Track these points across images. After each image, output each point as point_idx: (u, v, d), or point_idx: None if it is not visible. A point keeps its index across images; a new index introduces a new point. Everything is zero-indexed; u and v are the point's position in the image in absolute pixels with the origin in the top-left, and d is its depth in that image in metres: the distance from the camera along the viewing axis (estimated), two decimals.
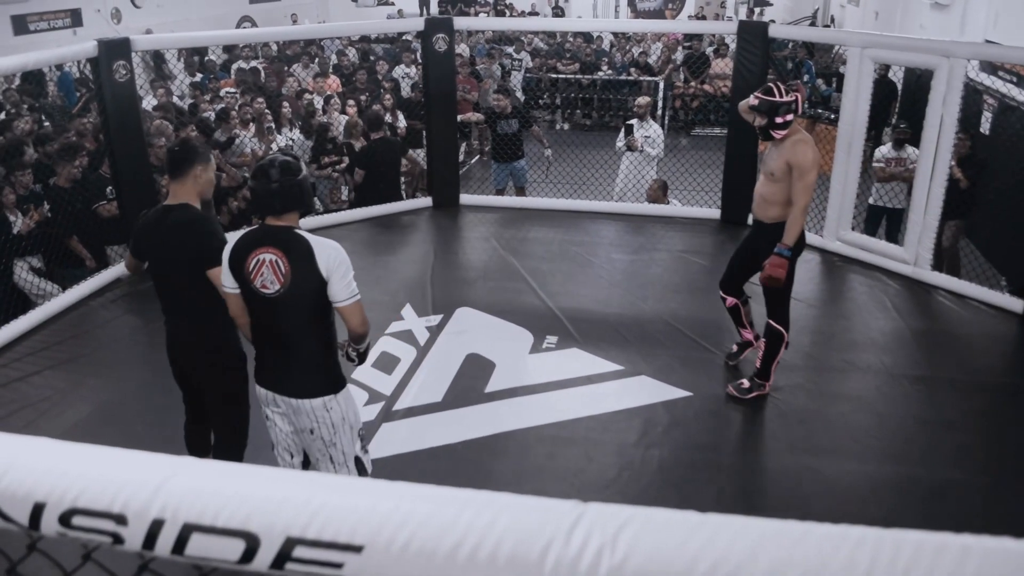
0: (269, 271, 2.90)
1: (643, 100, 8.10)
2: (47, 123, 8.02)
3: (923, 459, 4.08)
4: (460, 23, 7.83)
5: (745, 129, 6.90)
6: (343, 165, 7.86)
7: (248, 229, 3.25)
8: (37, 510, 0.93)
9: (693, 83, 13.22)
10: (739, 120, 6.93)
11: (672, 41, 13.95)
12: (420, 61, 11.42)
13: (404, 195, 7.88)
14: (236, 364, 3.46)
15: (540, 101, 13.64)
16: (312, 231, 3.01)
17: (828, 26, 18.15)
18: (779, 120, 4.22)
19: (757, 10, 20.44)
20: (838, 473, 3.99)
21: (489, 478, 3.88)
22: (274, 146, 7.52)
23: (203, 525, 0.87)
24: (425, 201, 7.63)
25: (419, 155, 9.00)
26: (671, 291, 5.95)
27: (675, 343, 5.16)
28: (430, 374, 4.79)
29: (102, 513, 0.90)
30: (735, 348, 4.94)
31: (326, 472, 3.07)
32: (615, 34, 14.95)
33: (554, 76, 13.78)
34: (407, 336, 5.20)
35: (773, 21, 6.92)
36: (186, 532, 0.87)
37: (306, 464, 3.25)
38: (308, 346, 3.02)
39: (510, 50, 13.57)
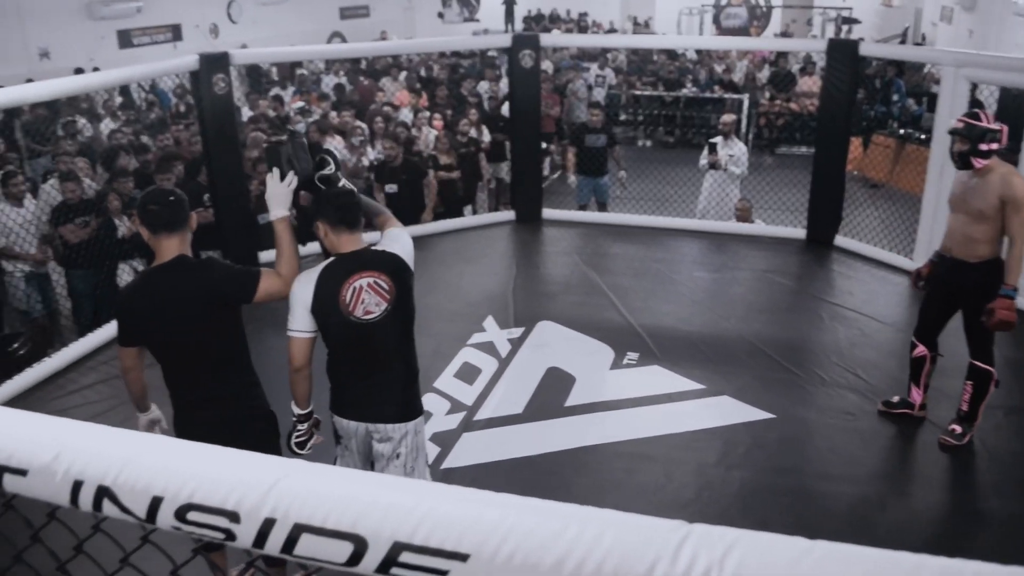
0: (371, 295, 2.84)
1: (728, 118, 8.02)
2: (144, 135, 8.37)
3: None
4: (546, 40, 7.89)
5: (833, 148, 6.81)
6: (426, 179, 7.96)
7: (323, 265, 2.88)
8: (155, 504, 0.98)
9: (779, 101, 13.02)
10: (827, 139, 6.85)
11: (759, 59, 13.77)
12: (503, 77, 11.60)
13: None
14: (274, 424, 3.09)
15: (621, 118, 13.60)
16: None
17: (919, 44, 17.65)
18: (983, 148, 3.92)
19: (845, 28, 20.02)
20: (930, 504, 3.87)
21: (568, 492, 3.88)
22: (365, 160, 7.68)
23: (313, 526, 0.90)
24: (508, 215, 7.69)
25: (502, 169, 9.09)
26: (754, 311, 5.86)
27: (758, 364, 5.07)
28: (511, 386, 4.82)
29: (216, 510, 0.94)
30: (896, 400, 4.54)
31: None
32: (698, 51, 14.83)
33: (637, 93, 13.74)
34: (488, 348, 5.24)
35: (862, 39, 6.79)
36: (296, 532, 0.90)
37: None
38: (407, 365, 3.01)
39: (593, 67, 13.59)
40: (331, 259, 2.89)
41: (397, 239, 3.01)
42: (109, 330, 5.45)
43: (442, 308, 5.81)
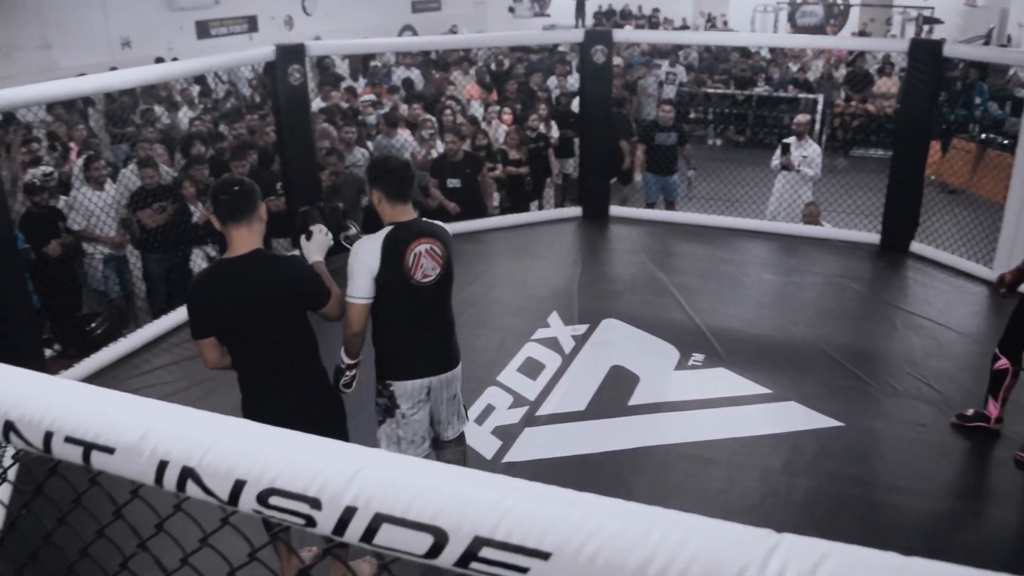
0: (428, 260, 3.11)
1: (802, 118, 7.86)
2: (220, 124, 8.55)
3: None
4: (619, 35, 7.84)
5: (912, 151, 6.61)
6: (497, 172, 7.98)
7: (384, 234, 3.08)
8: (238, 487, 0.99)
9: (854, 102, 12.70)
10: (906, 141, 6.66)
11: (835, 58, 13.45)
12: (573, 72, 11.55)
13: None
14: (341, 409, 3.22)
15: (691, 116, 13.42)
16: (464, 235, 3.17)
17: (1004, 46, 17.05)
18: None
19: (926, 28, 19.43)
20: (1004, 523, 3.74)
21: (628, 492, 3.84)
22: (434, 152, 7.73)
23: (394, 516, 0.89)
24: (575, 211, 7.67)
25: (569, 165, 9.06)
26: (824, 316, 5.73)
27: (827, 370, 4.96)
28: (574, 382, 4.80)
29: (299, 496, 0.94)
30: (970, 412, 4.38)
31: (455, 430, 3.47)
32: (772, 49, 14.55)
33: (709, 91, 13.55)
34: (552, 343, 5.23)
35: (943, 40, 6.59)
36: (377, 522, 0.90)
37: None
38: (450, 319, 3.36)
39: (664, 63, 13.45)
40: (390, 227, 3.10)
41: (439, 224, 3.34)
42: (181, 313, 5.59)
43: (507, 302, 5.83)
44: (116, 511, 1.25)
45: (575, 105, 8.61)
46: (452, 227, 7.02)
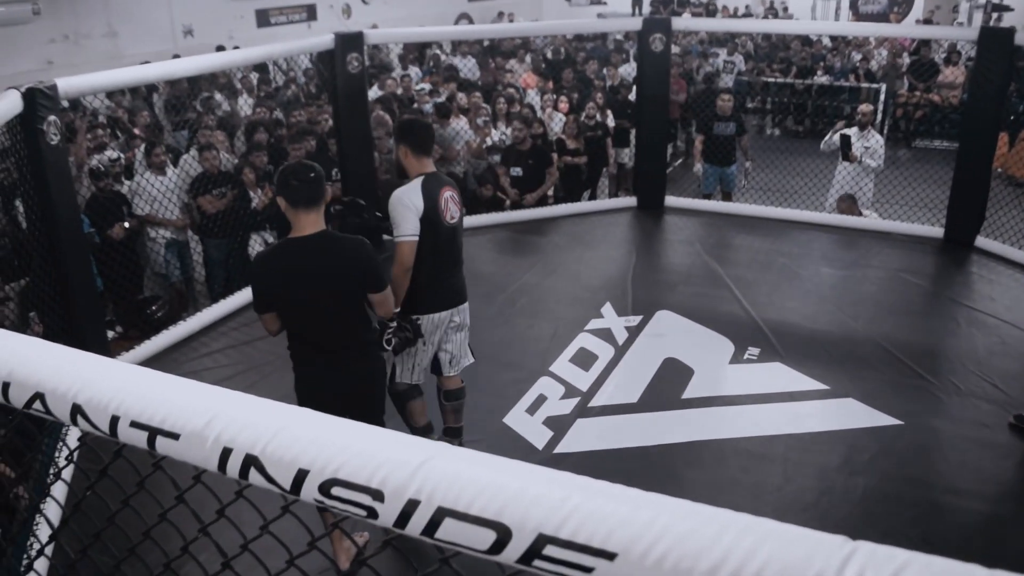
0: (452, 204, 3.63)
1: (865, 108, 7.67)
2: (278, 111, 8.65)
3: None
4: (678, 23, 7.72)
5: (979, 143, 6.41)
6: (551, 168, 7.93)
7: (420, 182, 3.52)
8: (300, 476, 0.98)
9: (918, 91, 12.36)
10: (973, 133, 6.46)
11: (898, 47, 13.10)
12: (630, 60, 11.43)
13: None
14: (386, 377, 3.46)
15: (749, 105, 13.19)
16: (518, 224, 3.29)
17: None
18: None
19: (995, 15, 18.79)
20: None
21: (681, 486, 3.81)
22: (488, 140, 7.72)
23: (457, 511, 0.88)
24: (629, 201, 7.60)
25: (624, 154, 8.98)
26: (885, 311, 5.60)
27: (887, 367, 4.85)
28: (627, 374, 4.77)
29: (361, 487, 0.94)
30: None
31: (466, 361, 3.93)
32: (833, 38, 14.21)
33: (767, 80, 13.29)
34: (606, 334, 5.20)
35: (1015, 28, 6.34)
36: (439, 516, 0.89)
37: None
38: (463, 257, 3.81)
39: (722, 52, 13.23)
40: (422, 177, 3.55)
41: None
42: (239, 299, 5.68)
43: (560, 292, 5.80)
44: (179, 496, 1.26)
45: (633, 94, 8.52)
46: (505, 216, 7.08)
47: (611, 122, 8.72)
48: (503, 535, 0.86)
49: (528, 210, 7.34)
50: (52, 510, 3.34)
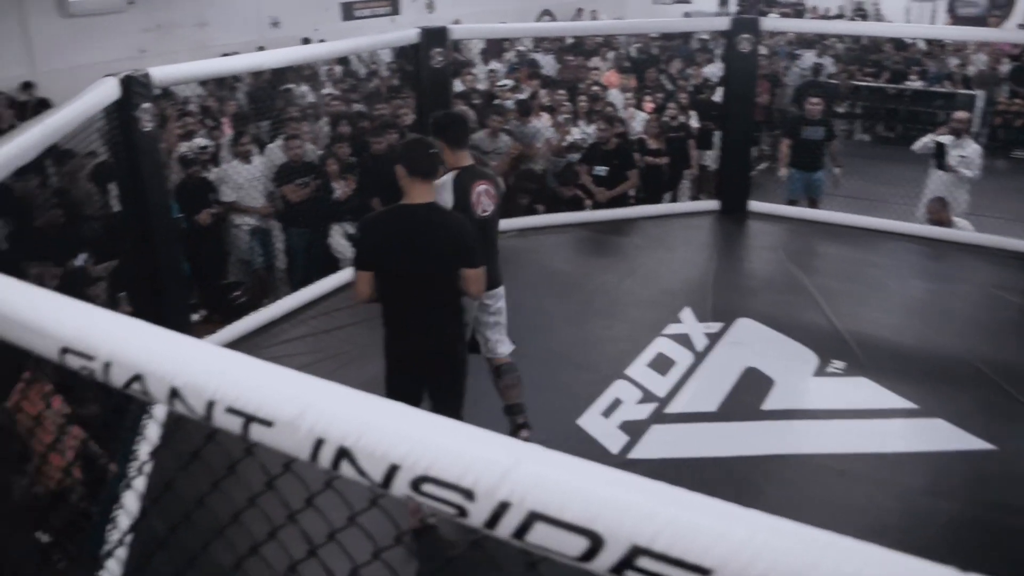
0: (486, 198, 3.69)
1: (962, 115, 7.38)
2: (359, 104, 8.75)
3: None
4: (767, 24, 7.55)
5: None
6: (633, 171, 7.84)
7: (452, 176, 3.60)
8: (392, 471, 0.97)
9: (1019, 99, 11.86)
10: None
11: (998, 52, 12.57)
12: (715, 61, 11.24)
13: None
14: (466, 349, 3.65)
15: (838, 110, 12.83)
16: (597, 224, 3.28)
17: None
18: None
19: None
20: None
21: (758, 500, 3.70)
22: (568, 138, 7.67)
23: (548, 516, 0.86)
24: (712, 204, 7.44)
25: (707, 157, 8.83)
26: (978, 329, 5.36)
27: (980, 388, 4.63)
28: (705, 382, 4.67)
29: (452, 485, 0.93)
30: None
31: (502, 348, 3.93)
32: (929, 41, 13.73)
33: (858, 83, 12.91)
34: (684, 340, 5.09)
35: None
36: (531, 520, 0.87)
37: None
38: None
39: (810, 54, 12.91)
40: (456, 171, 3.63)
41: None
42: (319, 288, 5.74)
43: (638, 295, 5.72)
44: (268, 482, 1.26)
45: (717, 95, 8.38)
46: (583, 215, 7.01)
47: (694, 123, 8.59)
48: (595, 543, 0.84)
49: (607, 210, 7.26)
50: (138, 486, 3.43)
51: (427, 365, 3.43)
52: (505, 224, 6.79)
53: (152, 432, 3.86)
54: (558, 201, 7.43)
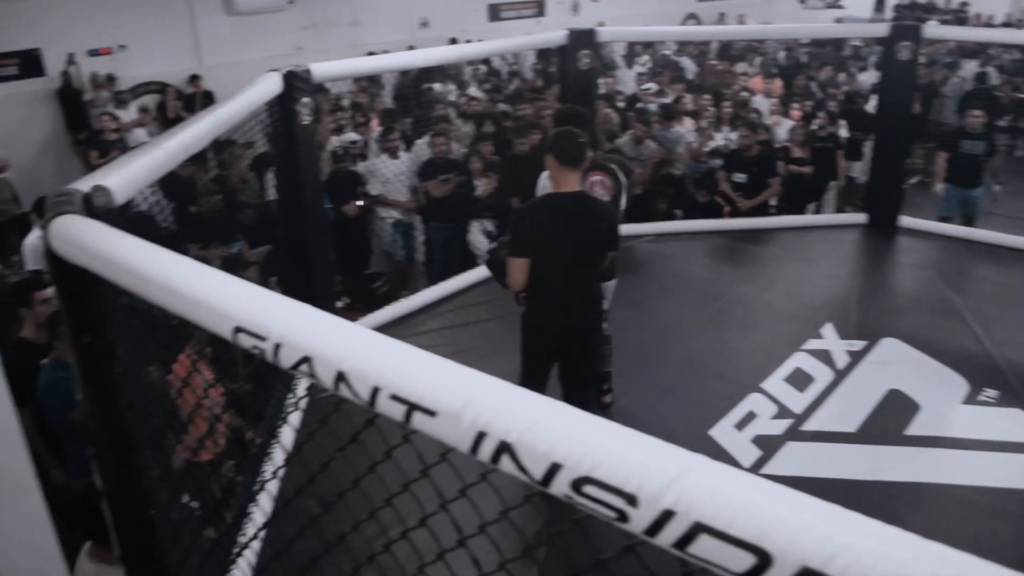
0: (600, 188, 4.00)
1: None
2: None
3: None
4: (929, 31, 7.18)
5: None
6: (774, 179, 7.63)
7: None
8: (553, 469, 0.97)
9: None
10: None
11: None
12: (868, 69, 10.80)
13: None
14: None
15: (1000, 123, 12.06)
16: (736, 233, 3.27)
17: None
18: None
19: None
20: None
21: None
22: (711, 144, 7.55)
23: (714, 528, 0.85)
24: (858, 217, 7.14)
25: (855, 168, 8.51)
26: None
27: None
28: (845, 401, 4.49)
29: (615, 489, 0.92)
30: None
31: None
32: None
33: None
34: (824, 356, 4.92)
35: None
36: (695, 531, 0.86)
37: None
38: None
39: (970, 63, 12.20)
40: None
41: None
42: (456, 283, 5.85)
43: (778, 307, 5.56)
44: (424, 470, 1.31)
45: (870, 104, 8.05)
46: (722, 223, 6.86)
47: (844, 133, 8.28)
48: (763, 561, 0.82)
49: (747, 219, 7.09)
50: (279, 451, 3.60)
51: (564, 346, 3.58)
52: (642, 228, 6.78)
53: (295, 409, 4.05)
54: (696, 207, 7.31)
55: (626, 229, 6.51)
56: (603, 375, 4.27)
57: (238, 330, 1.42)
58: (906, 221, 6.97)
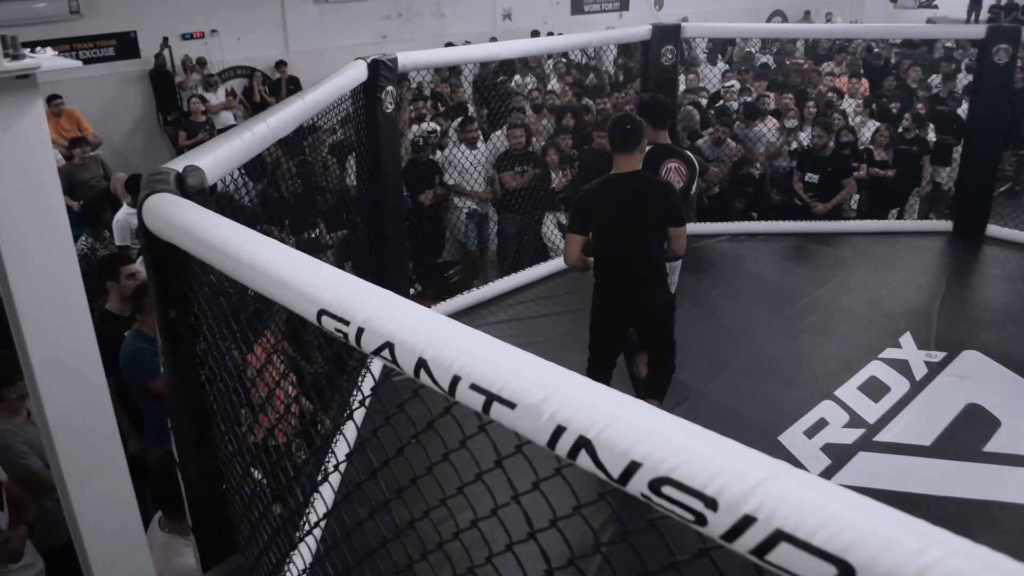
0: (675, 175, 4.25)
1: None
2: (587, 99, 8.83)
3: None
4: None
5: None
6: (860, 172, 7.45)
7: (648, 150, 4.00)
8: (631, 468, 0.97)
9: None
10: None
11: None
12: (962, 71, 10.43)
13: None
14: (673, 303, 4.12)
15: None
16: (814, 236, 4.57)
17: None
18: None
19: None
20: None
21: None
22: (793, 143, 7.40)
23: (796, 537, 0.83)
24: (944, 224, 6.92)
25: (942, 174, 8.25)
26: None
27: None
28: (921, 413, 4.37)
29: (694, 491, 0.91)
30: None
31: None
32: None
33: None
34: (902, 366, 4.79)
35: None
36: (775, 538, 0.85)
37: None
38: None
39: None
40: (651, 147, 4.10)
41: None
42: (527, 275, 5.87)
43: (856, 313, 5.43)
44: (498, 461, 1.32)
45: (962, 109, 7.79)
46: (800, 225, 6.71)
47: (932, 137, 8.03)
48: (846, 574, 0.80)
49: (826, 222, 6.93)
50: (350, 433, 3.67)
51: (633, 318, 3.86)
52: (718, 228, 6.70)
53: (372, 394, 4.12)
54: (773, 207, 7.18)
55: (701, 228, 6.48)
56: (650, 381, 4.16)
57: (322, 313, 1.45)
58: (993, 230, 6.74)
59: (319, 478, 3.05)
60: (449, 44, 11.79)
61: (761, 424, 4.25)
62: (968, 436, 4.21)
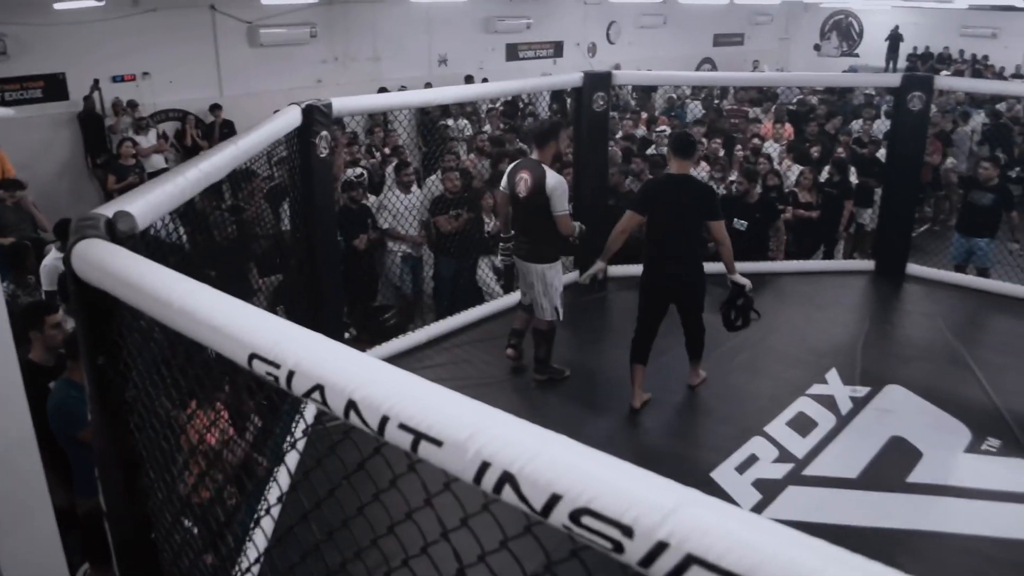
0: (523, 186, 4.94)
1: None
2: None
3: None
4: (941, 82, 7.28)
5: None
6: (786, 215, 7.69)
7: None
8: (552, 501, 1.00)
9: None
10: None
11: None
12: (880, 117, 10.90)
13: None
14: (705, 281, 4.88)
15: (1011, 175, 12.10)
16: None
17: None
18: None
19: None
20: None
21: None
22: (721, 189, 7.61)
23: (706, 561, 0.88)
24: (866, 264, 7.18)
25: (864, 215, 8.57)
26: None
27: None
28: (847, 447, 4.50)
29: (612, 521, 0.95)
30: None
31: (538, 312, 5.01)
32: None
33: None
34: (828, 402, 4.93)
35: None
36: (686, 562, 0.89)
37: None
38: None
39: (979, 115, 12.29)
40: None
41: None
42: (463, 318, 5.88)
43: (783, 352, 5.58)
44: (392, 480, 1.35)
45: (881, 152, 8.13)
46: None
47: (854, 179, 8.35)
48: None
49: (755, 263, 7.10)
50: (282, 478, 3.63)
51: (675, 291, 4.77)
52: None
53: (300, 434, 4.08)
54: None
55: (622, 271, 6.57)
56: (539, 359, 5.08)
57: (253, 356, 1.46)
58: (913, 269, 7.00)
59: (251, 524, 3.01)
60: (383, 89, 11.86)
61: (693, 461, 4.33)
62: (892, 468, 4.34)
